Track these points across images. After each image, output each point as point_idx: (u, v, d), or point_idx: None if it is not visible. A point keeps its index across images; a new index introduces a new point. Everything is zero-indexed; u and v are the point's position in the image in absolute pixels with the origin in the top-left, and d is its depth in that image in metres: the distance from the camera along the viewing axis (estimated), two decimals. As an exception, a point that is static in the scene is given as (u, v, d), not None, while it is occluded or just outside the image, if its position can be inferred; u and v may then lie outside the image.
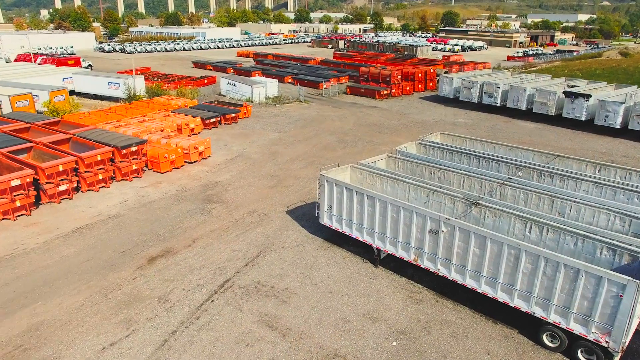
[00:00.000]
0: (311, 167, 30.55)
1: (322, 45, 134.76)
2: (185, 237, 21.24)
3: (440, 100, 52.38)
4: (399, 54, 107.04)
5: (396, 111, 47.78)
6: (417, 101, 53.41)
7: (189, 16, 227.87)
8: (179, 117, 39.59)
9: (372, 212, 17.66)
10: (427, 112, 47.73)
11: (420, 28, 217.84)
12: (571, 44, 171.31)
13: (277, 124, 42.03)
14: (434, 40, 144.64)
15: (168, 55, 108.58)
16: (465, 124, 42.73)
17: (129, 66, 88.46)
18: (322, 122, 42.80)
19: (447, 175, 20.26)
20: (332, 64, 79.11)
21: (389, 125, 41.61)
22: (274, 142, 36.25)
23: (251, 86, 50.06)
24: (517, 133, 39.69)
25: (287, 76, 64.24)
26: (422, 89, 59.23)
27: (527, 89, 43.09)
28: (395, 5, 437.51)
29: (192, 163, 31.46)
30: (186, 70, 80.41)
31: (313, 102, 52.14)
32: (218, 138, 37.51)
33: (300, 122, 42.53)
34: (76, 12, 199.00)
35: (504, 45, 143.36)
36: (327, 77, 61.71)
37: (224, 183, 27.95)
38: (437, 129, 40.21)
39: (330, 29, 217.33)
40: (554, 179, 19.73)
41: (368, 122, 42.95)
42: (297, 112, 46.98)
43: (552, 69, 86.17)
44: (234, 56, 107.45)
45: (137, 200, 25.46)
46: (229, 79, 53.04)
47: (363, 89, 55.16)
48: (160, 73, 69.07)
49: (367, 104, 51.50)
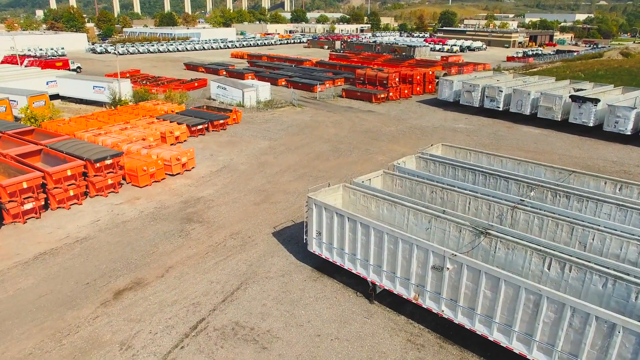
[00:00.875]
0: (302, 180, 28.32)
1: (318, 45, 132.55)
2: (158, 265, 19.00)
3: (440, 104, 50.22)
4: (397, 54, 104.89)
5: (394, 116, 45.59)
6: (416, 105, 51.23)
7: (184, 16, 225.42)
8: (163, 124, 37.34)
9: (366, 242, 15.46)
10: (426, 116, 45.56)
11: (418, 28, 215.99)
12: (570, 43, 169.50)
13: (268, 130, 39.79)
14: (432, 40, 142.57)
15: (161, 57, 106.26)
16: (466, 129, 40.57)
17: (121, 68, 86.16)
18: (315, 128, 40.58)
19: (451, 196, 18.07)
20: (328, 65, 76.91)
21: (386, 132, 39.41)
22: (264, 151, 34.01)
23: (242, 90, 47.81)
24: (522, 140, 37.54)
25: (281, 79, 62.01)
26: (421, 92, 57.07)
27: (532, 92, 40.95)
28: (393, 5, 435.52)
29: (174, 175, 29.21)
30: (178, 72, 78.12)
31: (307, 106, 49.92)
32: (204, 147, 35.27)
33: (293, 129, 40.31)
34: (69, 13, 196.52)
35: (503, 45, 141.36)
36: (321, 80, 59.51)
37: (207, 199, 25.71)
38: (437, 136, 38.04)
39: (327, 29, 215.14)
40: (571, 199, 17.56)
41: (364, 128, 40.74)
42: (290, 117, 44.76)
43: (553, 70, 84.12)
44: (228, 57, 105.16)
45: (111, 220, 23.20)
46: (219, 83, 50.79)
47: (359, 92, 52.99)
48: (150, 76, 66.77)
49: (363, 108, 49.30)
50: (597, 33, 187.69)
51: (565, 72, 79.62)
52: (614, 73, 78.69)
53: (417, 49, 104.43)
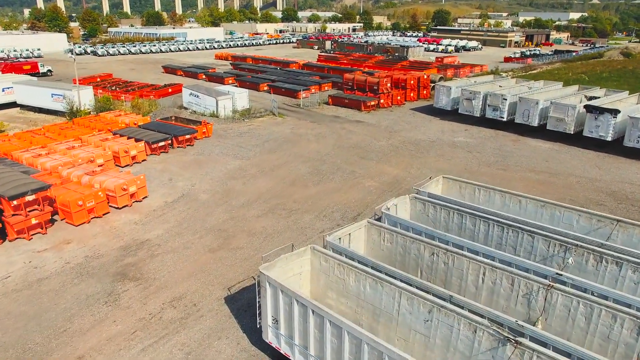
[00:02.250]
0: (272, 214, 23.45)
1: (307, 46, 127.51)
2: (64, 355, 14.07)
3: (436, 112, 45.45)
4: (389, 55, 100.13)
5: (385, 127, 40.75)
6: (410, 114, 46.42)
7: (171, 16, 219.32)
8: (119, 141, 32.30)
9: (338, 348, 10.62)
10: (421, 127, 40.76)
11: (411, 27, 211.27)
12: (567, 43, 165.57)
13: (242, 146, 34.84)
14: (426, 40, 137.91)
15: (142, 58, 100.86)
16: (467, 144, 35.81)
17: (96, 70, 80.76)
18: (295, 143, 35.68)
19: (459, 262, 13.26)
20: (315, 68, 71.95)
21: (376, 148, 34.58)
22: (232, 174, 29.07)
23: (216, 98, 42.81)
24: (531, 157, 32.82)
25: (263, 83, 57.02)
26: (415, 98, 52.28)
27: (540, 102, 36.25)
28: (385, 4, 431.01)
29: (120, 209, 24.25)
30: (156, 75, 72.92)
31: (289, 115, 44.99)
32: (164, 168, 30.29)
33: (270, 144, 35.39)
34: (52, 12, 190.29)
35: (499, 45, 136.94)
36: (307, 85, 54.58)
37: (153, 243, 20.76)
38: (434, 153, 33.26)
39: (319, 28, 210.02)
40: (624, 268, 12.80)
41: (351, 142, 35.89)
42: (268, 129, 39.82)
43: (554, 71, 79.69)
44: (212, 59, 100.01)
45: (23, 277, 18.21)
46: (191, 90, 45.74)
47: (347, 99, 48.11)
48: (122, 80, 61.55)
49: (351, 117, 44.43)
50: (594, 32, 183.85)
51: (567, 74, 75.21)
52: (619, 75, 74.34)
53: (410, 50, 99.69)
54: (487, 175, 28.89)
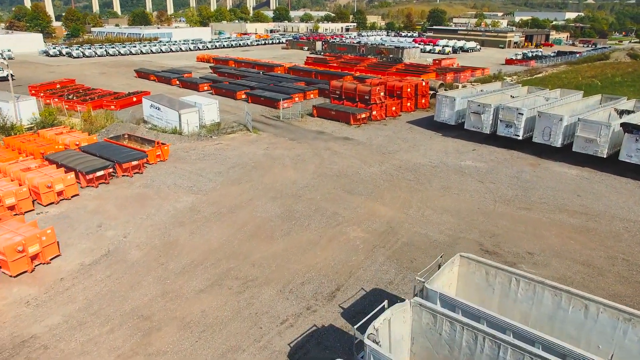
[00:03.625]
0: (219, 289, 16.99)
1: (297, 47, 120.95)
2: None
3: (438, 127, 39.13)
4: (383, 57, 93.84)
5: (377, 146, 34.37)
6: (406, 128, 40.04)
7: (158, 15, 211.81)
8: (44, 171, 25.74)
9: None
10: (421, 147, 34.42)
11: (406, 27, 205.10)
12: (566, 43, 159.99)
13: (201, 174, 28.35)
14: (422, 40, 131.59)
15: (117, 61, 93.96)
16: (477, 170, 29.49)
17: (65, 74, 73.93)
18: (267, 170, 29.23)
19: None
20: (302, 72, 65.39)
21: (366, 176, 28.19)
22: (180, 218, 22.60)
23: (178, 112, 36.27)
24: (557, 188, 26.54)
25: (240, 91, 50.47)
26: (412, 109, 45.92)
27: (565, 118, 29.98)
28: (380, 4, 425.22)
29: (15, 277, 17.76)
30: (126, 80, 66.25)
31: (265, 130, 38.54)
32: (97, 208, 23.78)
33: (236, 171, 28.92)
34: (33, 11, 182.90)
35: (498, 45, 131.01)
36: (289, 93, 48.10)
37: (37, 345, 14.27)
38: (437, 183, 26.88)
39: (311, 28, 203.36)
40: None
41: (335, 168, 29.49)
42: (238, 149, 33.37)
43: (560, 75, 73.65)
44: (194, 61, 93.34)
45: None
46: (152, 101, 39.17)
47: (334, 110, 41.67)
48: (83, 88, 54.86)
49: (338, 132, 38.03)
50: (594, 32, 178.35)
51: (576, 78, 69.18)
52: (632, 79, 68.38)
53: (405, 51, 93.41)
54: (507, 218, 22.57)
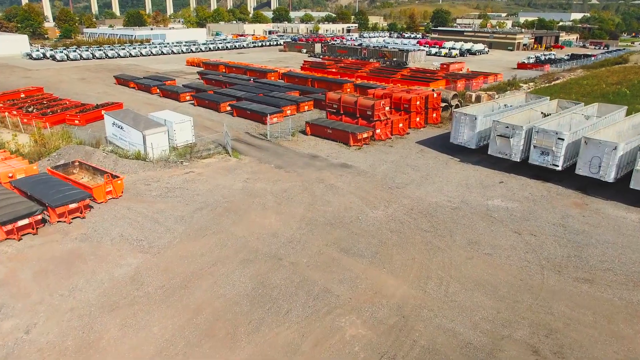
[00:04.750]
0: None
1: (295, 49, 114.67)
2: None
3: (454, 149, 32.85)
4: (386, 61, 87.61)
5: (382, 178, 28.07)
6: (416, 151, 33.74)
7: (153, 15, 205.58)
8: (-54, 220, 19.55)
9: None
10: (436, 178, 28.12)
11: (409, 28, 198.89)
12: (577, 45, 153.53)
13: (158, 221, 22.10)
14: (427, 42, 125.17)
15: (102, 65, 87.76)
16: (509, 213, 23.18)
17: (42, 79, 67.83)
18: (243, 214, 22.97)
19: None
20: (297, 79, 59.08)
21: (369, 225, 21.91)
22: (113, 298, 16.32)
23: (142, 133, 30.03)
24: (621, 244, 20.22)
25: (225, 103, 44.17)
26: (422, 124, 39.64)
27: (620, 146, 23.69)
28: (382, 4, 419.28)
29: None
30: (105, 88, 60.09)
31: (248, 153, 32.30)
32: (5, 278, 17.56)
33: (203, 216, 22.67)
34: (24, 11, 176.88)
35: (506, 47, 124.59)
36: (279, 105, 41.80)
37: None
38: (461, 236, 20.54)
39: (311, 29, 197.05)
40: None
41: (330, 212, 23.23)
42: (212, 181, 27.13)
43: (581, 81, 67.22)
44: (184, 65, 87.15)
45: None
46: (115, 118, 32.93)
47: (330, 128, 35.37)
48: (49, 98, 48.69)
49: (334, 157, 31.77)
50: (604, 34, 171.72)
51: (599, 85, 62.79)
52: (662, 87, 61.95)
53: (410, 54, 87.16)
54: (564, 298, 16.27)
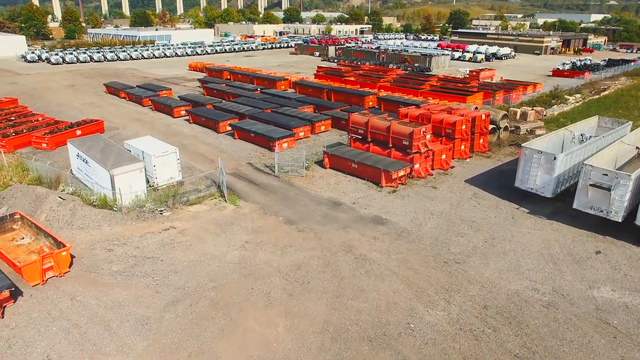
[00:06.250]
0: None
1: (307, 51, 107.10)
2: None
3: (516, 193, 25.05)
4: (407, 66, 79.77)
5: (432, 243, 20.37)
6: (469, 195, 25.93)
7: (160, 15, 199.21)
8: None
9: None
10: (506, 244, 20.37)
11: (424, 29, 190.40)
12: (606, 48, 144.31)
13: (109, 326, 14.60)
14: (448, 45, 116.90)
15: (99, 69, 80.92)
16: (628, 312, 15.43)
17: (28, 86, 60.75)
18: (236, 315, 15.41)
19: None
20: (310, 89, 51.42)
21: (426, 345, 14.28)
22: None
23: (110, 172, 22.61)
24: None
25: (225, 121, 36.71)
26: (467, 154, 31.85)
27: None
28: (394, 4, 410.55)
29: None
30: (93, 98, 53.07)
31: (250, 197, 24.77)
32: None
33: (176, 318, 15.13)
34: (28, 11, 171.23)
35: (533, 51, 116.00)
36: (290, 126, 34.22)
37: None
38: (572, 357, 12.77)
39: (323, 30, 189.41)
40: None
41: (365, 314, 15.61)
42: (196, 248, 19.62)
43: (630, 92, 58.86)
44: (186, 69, 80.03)
45: None
46: (79, 149, 25.60)
47: (356, 162, 27.70)
48: (21, 112, 41.62)
49: (363, 204, 24.13)
50: (634, 35, 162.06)
51: (658, 98, 54.49)
52: None
53: (434, 59, 79.21)
54: None
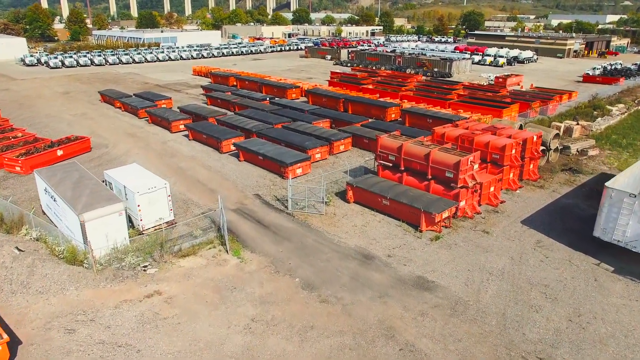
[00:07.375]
0: None
1: (318, 55, 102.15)
2: None
3: (594, 244, 19.87)
4: (426, 71, 74.56)
5: (499, 323, 15.28)
6: (531, 244, 20.75)
7: (166, 16, 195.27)
8: None
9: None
10: (600, 325, 15.24)
11: (437, 30, 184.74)
12: (630, 51, 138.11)
13: None
14: (465, 48, 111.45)
15: (99, 73, 76.50)
16: None
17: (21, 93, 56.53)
18: None
19: None
20: (325, 98, 46.36)
21: None
22: None
23: (79, 217, 17.75)
24: None
25: (229, 140, 31.79)
26: (516, 183, 26.65)
27: None
28: (404, 5, 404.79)
29: None
30: (86, 107, 48.53)
31: (256, 247, 19.77)
32: None
33: None
34: (32, 12, 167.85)
35: (555, 54, 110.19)
36: (305, 146, 29.19)
37: None
38: None
39: (333, 31, 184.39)
40: None
41: None
42: (185, 329, 14.68)
43: (680, 102, 53.15)
44: (190, 74, 75.41)
45: None
46: (47, 183, 20.81)
47: (388, 198, 22.62)
48: (0, 127, 36.99)
49: (400, 260, 19.06)
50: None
51: None
52: None
53: (454, 64, 73.96)
54: None
